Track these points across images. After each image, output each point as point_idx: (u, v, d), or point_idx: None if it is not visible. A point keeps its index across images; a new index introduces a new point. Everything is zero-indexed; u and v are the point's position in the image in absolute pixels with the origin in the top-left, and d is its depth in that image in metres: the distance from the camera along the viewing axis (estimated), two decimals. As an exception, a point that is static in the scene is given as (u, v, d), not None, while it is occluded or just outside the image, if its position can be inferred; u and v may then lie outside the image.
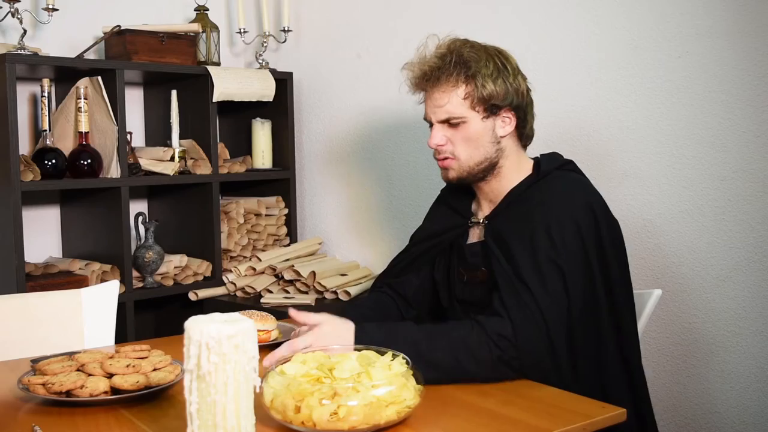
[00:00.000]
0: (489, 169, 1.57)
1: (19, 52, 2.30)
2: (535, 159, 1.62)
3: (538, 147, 2.14)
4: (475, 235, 1.62)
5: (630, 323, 1.51)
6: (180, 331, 0.98)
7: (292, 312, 1.46)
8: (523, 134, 1.60)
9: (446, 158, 1.56)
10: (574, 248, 1.43)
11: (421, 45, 1.58)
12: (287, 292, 2.58)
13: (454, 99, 1.52)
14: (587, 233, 1.45)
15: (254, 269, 2.67)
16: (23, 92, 2.56)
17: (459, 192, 1.69)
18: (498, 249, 1.50)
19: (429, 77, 1.54)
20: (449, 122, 1.54)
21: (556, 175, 1.55)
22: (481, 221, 1.61)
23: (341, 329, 1.41)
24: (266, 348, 1.52)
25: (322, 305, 2.47)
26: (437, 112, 1.54)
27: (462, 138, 1.54)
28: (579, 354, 1.41)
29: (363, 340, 1.36)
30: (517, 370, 1.36)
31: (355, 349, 1.28)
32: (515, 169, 1.59)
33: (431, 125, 1.57)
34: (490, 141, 1.55)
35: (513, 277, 1.42)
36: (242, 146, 2.94)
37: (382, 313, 1.68)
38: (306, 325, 1.46)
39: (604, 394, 1.42)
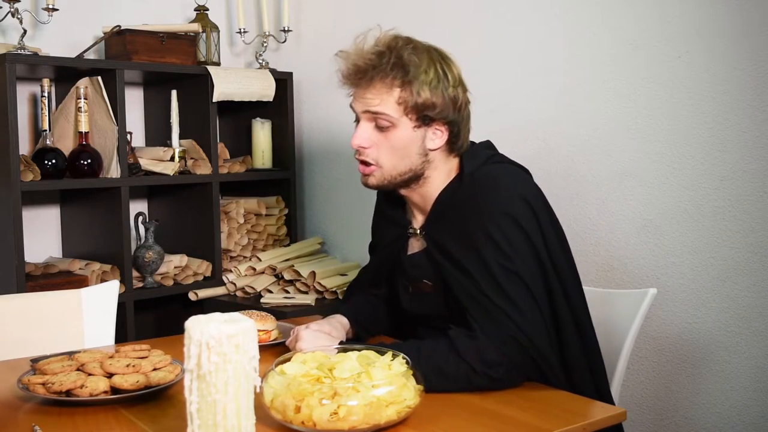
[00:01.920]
0: (413, 179, 1.47)
1: (19, 52, 2.30)
2: (461, 156, 1.51)
3: (539, 147, 2.15)
4: (415, 245, 1.55)
5: (583, 309, 1.47)
6: (180, 331, 0.98)
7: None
8: (455, 148, 1.48)
9: (368, 164, 1.46)
10: (520, 245, 1.37)
11: (360, 35, 1.46)
12: (287, 292, 2.58)
13: (386, 100, 1.41)
14: (528, 225, 1.39)
15: (254, 269, 2.67)
16: (23, 92, 2.56)
17: (392, 201, 1.60)
18: (446, 261, 1.43)
19: (363, 75, 1.42)
20: (377, 124, 1.43)
21: (481, 172, 1.45)
22: (418, 231, 1.54)
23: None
24: (266, 348, 1.53)
25: (322, 305, 2.47)
26: (365, 111, 1.44)
27: (389, 146, 1.43)
28: (558, 354, 1.40)
29: None
30: (506, 386, 1.33)
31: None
32: (443, 178, 1.49)
33: (357, 122, 1.48)
34: (418, 152, 1.45)
35: (477, 295, 1.37)
36: (242, 146, 2.94)
37: (375, 311, 1.67)
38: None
39: (572, 385, 1.39)
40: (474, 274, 1.38)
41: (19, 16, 2.33)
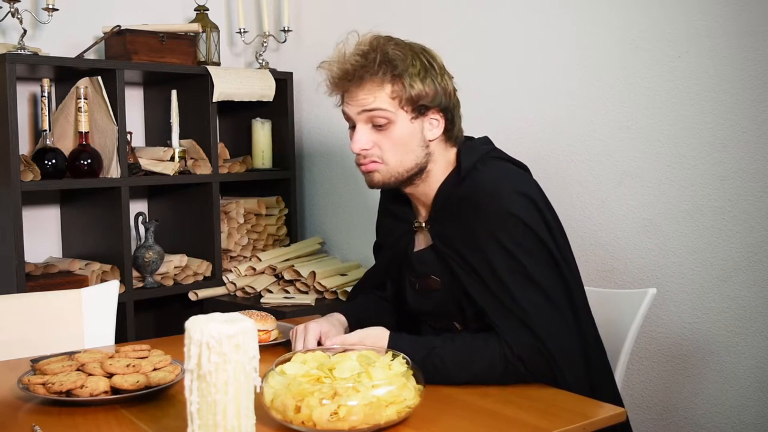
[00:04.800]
0: (418, 173, 1.47)
1: (19, 52, 2.30)
2: (458, 149, 1.51)
3: (539, 147, 2.15)
4: (421, 241, 1.55)
5: (586, 312, 1.47)
6: (180, 331, 0.98)
7: (329, 344, 1.40)
8: (451, 137, 1.49)
9: (371, 161, 1.45)
10: (530, 246, 1.37)
11: (341, 42, 1.46)
12: (287, 292, 2.58)
13: (380, 96, 1.41)
14: (534, 223, 1.38)
15: (254, 269, 2.67)
16: (23, 92, 2.56)
17: (396, 199, 1.61)
18: (452, 259, 1.43)
19: (351, 77, 1.42)
20: (374, 123, 1.43)
21: (480, 170, 1.45)
22: (423, 224, 1.53)
23: (379, 338, 1.39)
24: (266, 348, 1.53)
25: (322, 305, 2.47)
26: (362, 113, 1.43)
27: (390, 143, 1.43)
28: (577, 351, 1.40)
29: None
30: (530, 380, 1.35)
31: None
32: (441, 170, 1.49)
33: (352, 128, 1.46)
34: (420, 145, 1.45)
35: (490, 298, 1.38)
36: (242, 146, 2.94)
37: (378, 311, 1.67)
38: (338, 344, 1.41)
39: (596, 387, 1.40)
40: (483, 277, 1.38)
41: (19, 16, 2.33)
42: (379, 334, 1.39)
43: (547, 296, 1.36)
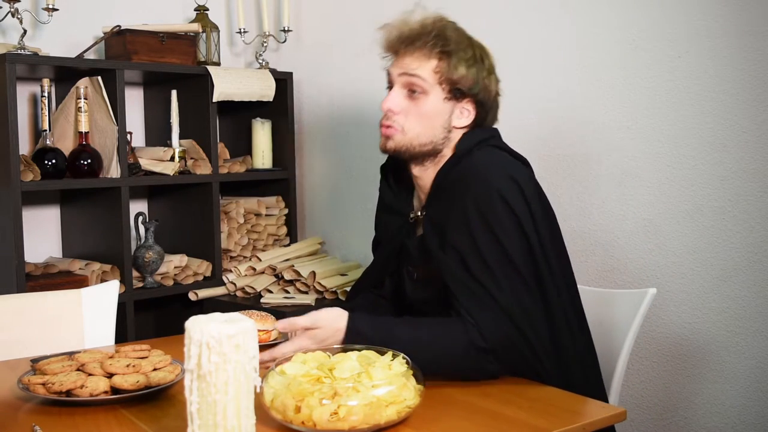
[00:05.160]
0: (430, 154, 1.50)
1: (19, 52, 2.30)
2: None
3: (538, 147, 2.15)
4: (419, 231, 1.56)
5: (574, 306, 1.47)
6: (180, 331, 0.98)
7: (280, 325, 1.39)
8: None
9: (393, 127, 1.49)
10: (509, 225, 1.37)
11: (407, 11, 1.52)
12: (287, 292, 2.58)
13: (425, 66, 1.46)
14: (517, 206, 1.39)
15: (254, 269, 2.67)
16: (23, 92, 2.56)
17: (396, 189, 1.63)
18: (436, 239, 1.44)
19: (405, 40, 1.48)
20: (410, 89, 1.48)
21: (476, 154, 1.47)
22: (419, 214, 1.55)
23: (333, 330, 1.36)
24: (266, 348, 1.53)
25: (322, 305, 2.46)
26: (403, 75, 1.48)
27: (417, 112, 1.47)
28: (549, 336, 1.39)
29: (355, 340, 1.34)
30: (496, 370, 1.34)
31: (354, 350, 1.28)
32: (448, 155, 1.52)
33: (389, 89, 1.52)
34: (443, 126, 1.48)
35: (464, 277, 1.37)
36: (242, 146, 2.94)
37: (376, 311, 1.67)
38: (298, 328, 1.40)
39: (566, 379, 1.39)
40: (463, 253, 1.38)
41: (19, 16, 2.33)
42: (335, 316, 1.36)
43: (523, 279, 1.36)
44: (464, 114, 1.50)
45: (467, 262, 1.37)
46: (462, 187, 1.42)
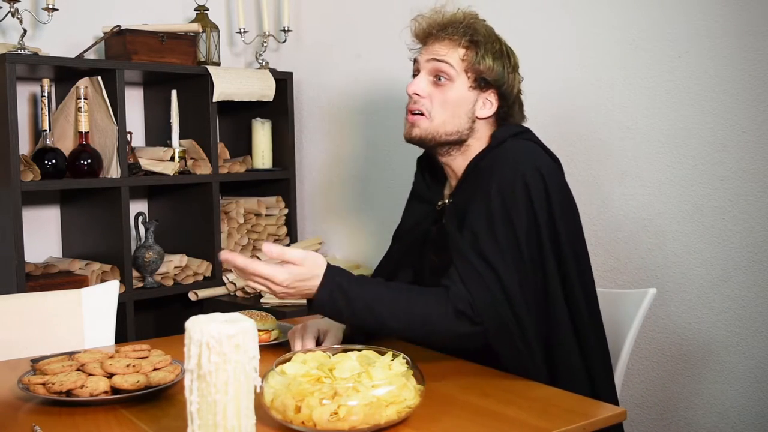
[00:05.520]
0: (455, 143, 1.53)
1: (19, 52, 2.30)
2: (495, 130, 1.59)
3: (538, 147, 2.14)
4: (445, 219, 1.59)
5: (580, 294, 1.46)
6: (180, 331, 0.98)
7: (265, 248, 1.29)
8: (501, 125, 1.56)
9: (418, 113, 1.52)
10: (524, 207, 1.39)
11: (439, 5, 1.57)
12: (287, 292, 2.58)
13: (452, 54, 1.51)
14: (535, 194, 1.40)
15: (254, 269, 2.67)
16: (23, 92, 2.56)
17: (428, 181, 1.66)
18: (455, 221, 1.46)
19: (435, 26, 1.53)
20: (437, 76, 1.51)
21: (509, 143, 1.50)
22: (447, 202, 1.57)
23: (312, 274, 1.31)
24: (266, 348, 1.53)
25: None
26: (431, 61, 1.51)
27: (442, 99, 1.50)
28: (542, 322, 1.39)
29: (325, 296, 1.30)
30: (479, 341, 1.34)
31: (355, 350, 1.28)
32: (479, 146, 1.55)
33: (414, 76, 1.55)
34: (467, 115, 1.52)
35: (467, 247, 1.38)
36: (242, 146, 2.94)
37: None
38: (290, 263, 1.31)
39: (553, 368, 1.39)
40: (476, 228, 1.39)
41: (19, 16, 2.33)
42: (320, 262, 1.32)
43: (523, 263, 1.37)
44: (487, 105, 1.53)
45: (479, 241, 1.38)
46: (489, 173, 1.45)
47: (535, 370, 1.37)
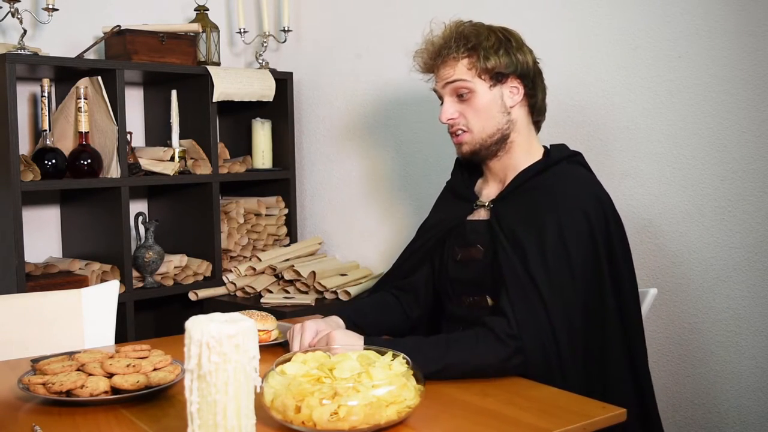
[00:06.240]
0: (501, 141, 1.58)
1: (19, 52, 2.30)
2: (545, 147, 1.64)
3: (538, 147, 2.14)
4: (476, 215, 1.63)
5: (636, 320, 1.51)
6: (180, 331, 0.98)
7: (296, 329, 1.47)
8: (534, 106, 1.61)
9: (460, 132, 1.59)
10: (584, 239, 1.45)
11: (427, 31, 1.62)
12: (287, 292, 2.58)
13: (459, 68, 1.56)
14: (597, 226, 1.46)
15: (254, 269, 2.67)
16: (23, 92, 2.56)
17: (465, 178, 1.70)
18: (503, 232, 1.50)
19: (435, 56, 1.59)
20: (459, 95, 1.57)
21: (565, 166, 1.57)
22: (486, 204, 1.61)
23: (352, 339, 1.41)
24: (266, 348, 1.53)
25: (322, 305, 2.47)
26: (446, 85, 1.58)
27: (473, 110, 1.56)
28: (584, 350, 1.42)
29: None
30: (522, 368, 1.37)
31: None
32: (526, 150, 1.60)
33: (442, 103, 1.60)
34: (500, 110, 1.57)
35: (520, 270, 1.43)
36: (242, 146, 2.94)
37: (381, 314, 1.68)
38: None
39: (605, 393, 1.41)
40: (527, 251, 1.44)
41: (19, 16, 2.33)
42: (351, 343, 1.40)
43: (573, 276, 1.42)
44: (514, 92, 1.58)
45: (528, 258, 1.43)
46: (546, 197, 1.49)
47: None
